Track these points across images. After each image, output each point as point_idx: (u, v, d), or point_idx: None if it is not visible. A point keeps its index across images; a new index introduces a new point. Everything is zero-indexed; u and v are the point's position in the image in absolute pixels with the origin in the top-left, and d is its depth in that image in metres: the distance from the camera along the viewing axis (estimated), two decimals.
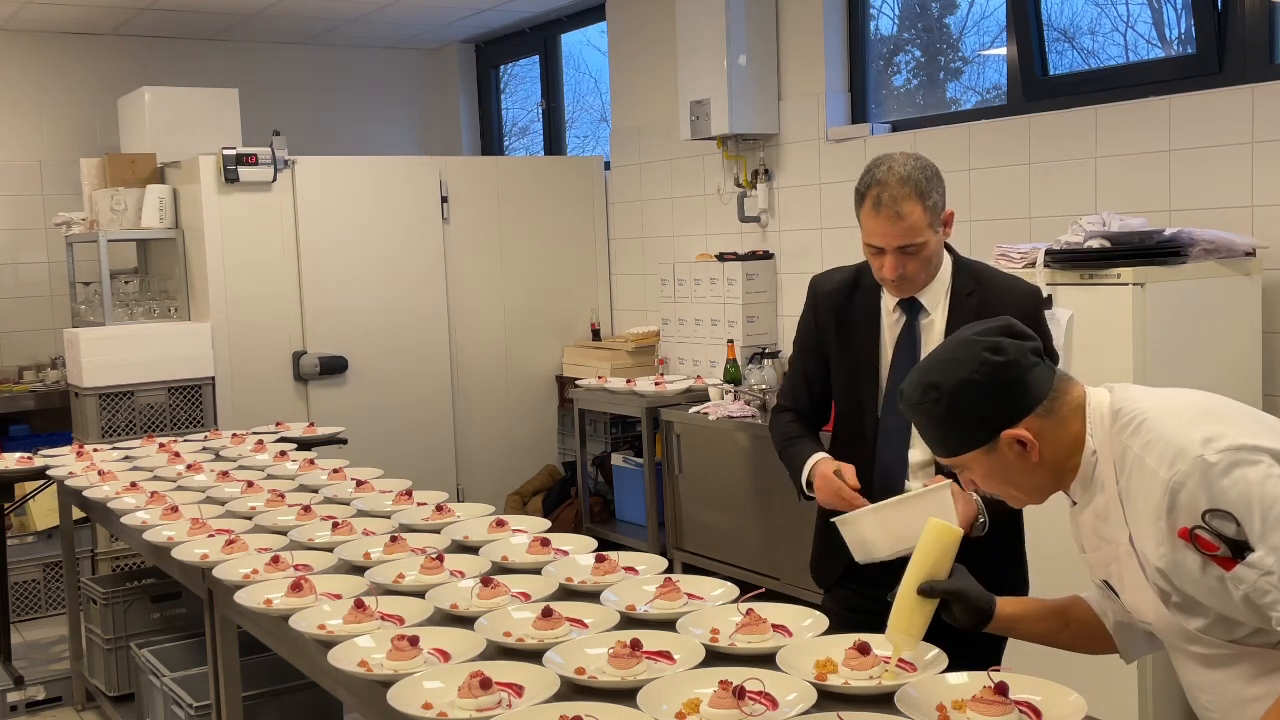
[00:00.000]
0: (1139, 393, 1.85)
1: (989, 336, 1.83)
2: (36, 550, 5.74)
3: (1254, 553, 1.65)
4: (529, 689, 2.04)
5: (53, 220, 6.61)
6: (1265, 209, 3.84)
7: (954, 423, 1.84)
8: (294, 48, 7.87)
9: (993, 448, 1.82)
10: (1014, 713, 1.82)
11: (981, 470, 1.87)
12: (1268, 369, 3.78)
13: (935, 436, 1.89)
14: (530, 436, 6.78)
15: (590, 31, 7.37)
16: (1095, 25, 4.64)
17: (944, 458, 1.90)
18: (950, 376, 1.82)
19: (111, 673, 4.39)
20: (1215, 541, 1.66)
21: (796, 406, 2.80)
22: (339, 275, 6.16)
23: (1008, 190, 4.63)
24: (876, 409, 2.64)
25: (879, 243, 2.49)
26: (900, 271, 2.50)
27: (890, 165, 2.51)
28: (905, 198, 2.46)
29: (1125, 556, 1.82)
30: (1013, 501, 1.95)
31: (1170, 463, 1.70)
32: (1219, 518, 1.65)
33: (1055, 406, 1.82)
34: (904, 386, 1.91)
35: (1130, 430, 1.78)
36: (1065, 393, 1.84)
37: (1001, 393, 1.80)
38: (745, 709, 1.87)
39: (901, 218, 2.45)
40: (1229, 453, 1.67)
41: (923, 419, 1.89)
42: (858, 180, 2.57)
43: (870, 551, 2.37)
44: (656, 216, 6.55)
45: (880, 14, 5.52)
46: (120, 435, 5.55)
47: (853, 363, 2.68)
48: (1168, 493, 1.69)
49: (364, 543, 3.00)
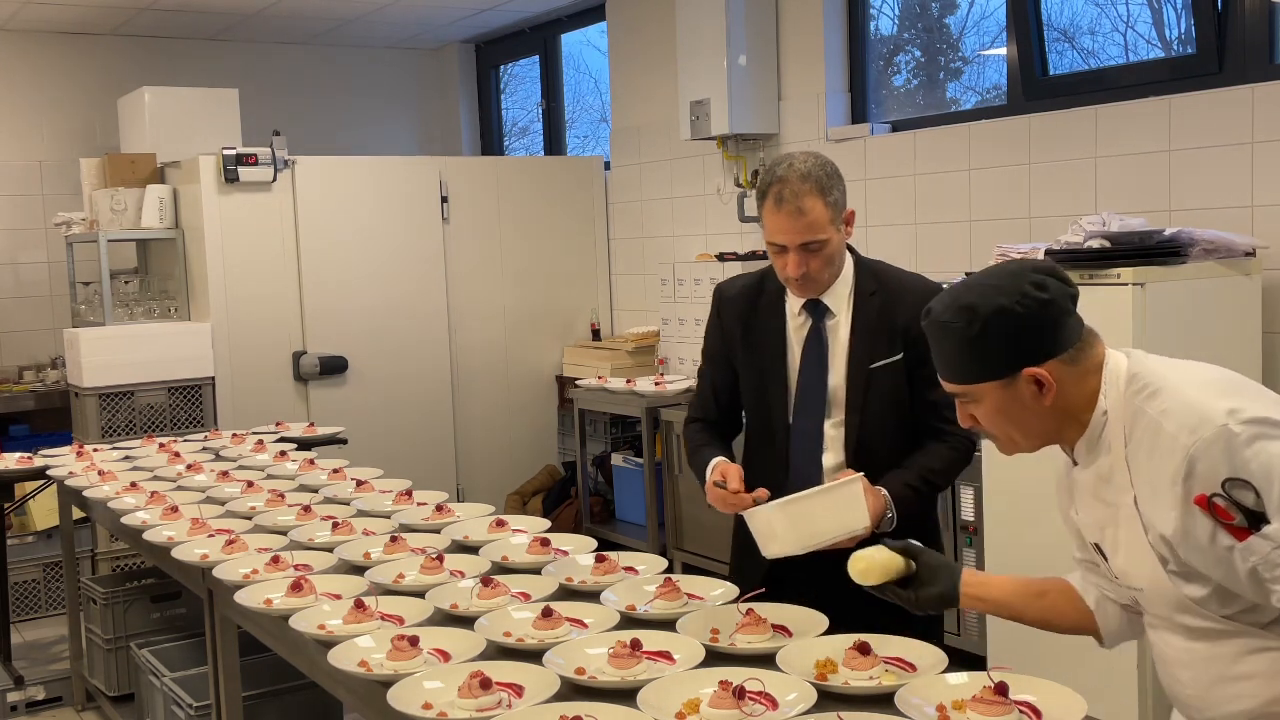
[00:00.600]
0: (1157, 361, 1.85)
1: (1037, 273, 1.81)
2: (36, 550, 5.74)
3: (1270, 525, 1.65)
4: (529, 689, 2.04)
5: (53, 220, 6.61)
6: (1265, 209, 3.84)
7: (981, 348, 1.80)
8: (294, 48, 7.87)
9: (1010, 382, 1.80)
10: (1014, 713, 1.82)
11: (991, 404, 1.84)
12: (1268, 369, 3.78)
13: (955, 359, 1.85)
14: (530, 436, 6.78)
15: (590, 31, 7.37)
16: (1095, 25, 4.64)
17: (956, 382, 1.87)
18: (989, 301, 1.78)
19: (111, 673, 4.39)
20: (1232, 510, 1.65)
21: (705, 416, 2.81)
22: (339, 275, 6.16)
23: (1008, 190, 4.63)
24: (787, 414, 2.64)
25: (781, 240, 2.50)
26: (803, 269, 2.51)
27: (791, 163, 2.51)
28: (806, 194, 2.46)
29: (1126, 520, 1.81)
30: (1006, 446, 1.92)
31: (1192, 429, 1.69)
32: (1239, 487, 1.65)
33: (1079, 357, 1.82)
34: (933, 304, 1.87)
35: (1146, 394, 1.78)
36: (1090, 347, 1.84)
37: (1035, 329, 1.78)
38: (745, 709, 1.88)
39: (803, 213, 2.46)
40: (1253, 425, 1.68)
41: (948, 339, 1.84)
42: (758, 181, 2.56)
43: (778, 546, 2.33)
44: (656, 216, 6.55)
45: (880, 14, 5.52)
46: (120, 435, 5.55)
47: (760, 369, 2.68)
48: (1187, 459, 1.68)
49: (364, 543, 3.00)
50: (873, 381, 2.59)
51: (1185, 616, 1.81)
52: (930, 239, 4.96)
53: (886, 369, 2.59)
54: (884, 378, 2.59)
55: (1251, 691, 1.78)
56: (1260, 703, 1.78)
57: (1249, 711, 1.79)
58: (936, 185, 4.92)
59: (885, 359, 2.58)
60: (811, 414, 2.62)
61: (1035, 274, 1.81)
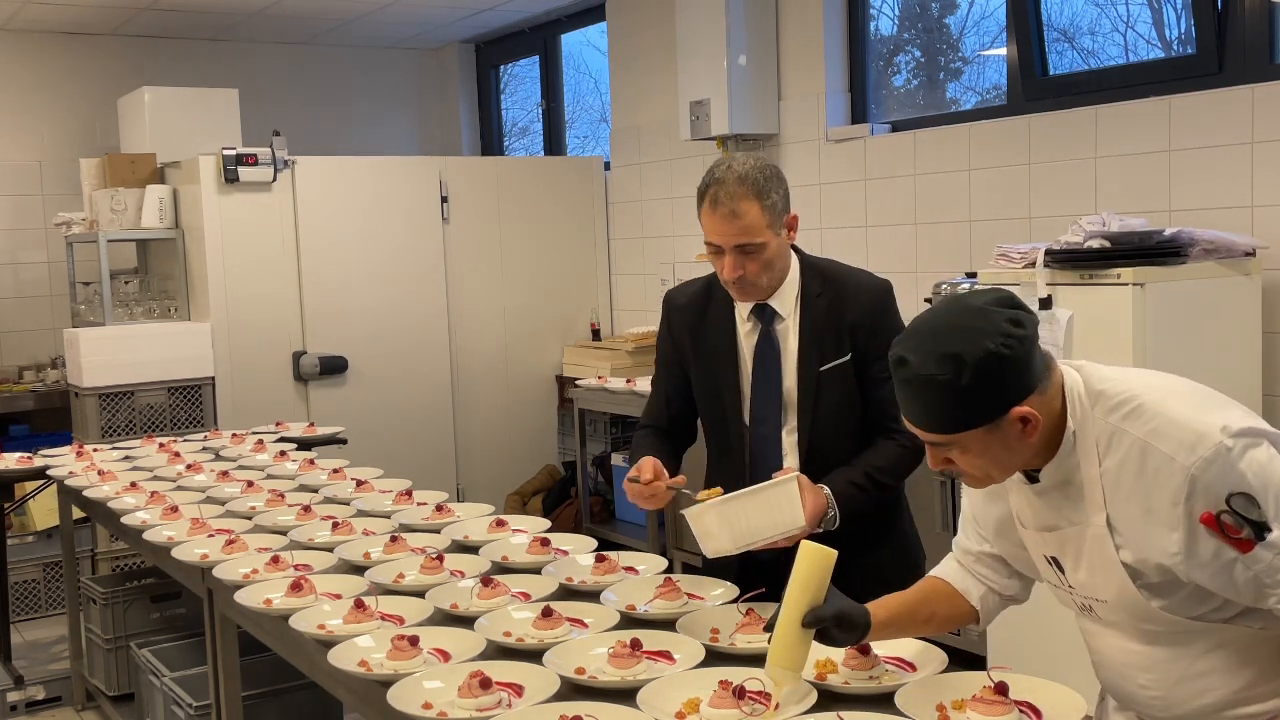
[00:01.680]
0: (1113, 373, 1.83)
1: (1006, 308, 1.72)
2: (36, 550, 5.74)
3: (1273, 533, 1.65)
4: (529, 689, 2.04)
5: (53, 220, 6.61)
6: (1265, 209, 3.84)
7: (972, 396, 1.70)
8: (294, 48, 7.87)
9: (996, 425, 1.72)
10: (1014, 713, 1.82)
11: (975, 448, 1.76)
12: (1268, 369, 3.78)
13: (941, 411, 1.73)
14: (530, 436, 6.78)
15: (590, 31, 7.37)
16: (1095, 25, 4.64)
17: (942, 433, 1.76)
18: (975, 347, 1.68)
19: (111, 673, 4.39)
20: (1239, 525, 1.65)
21: (655, 423, 2.78)
22: (339, 275, 6.16)
23: (1008, 190, 4.63)
24: (743, 419, 2.62)
25: (717, 241, 2.49)
26: (739, 272, 2.48)
27: (730, 164, 2.51)
28: (742, 196, 2.44)
29: (1094, 538, 1.79)
30: (979, 483, 1.86)
31: (1190, 448, 1.67)
32: (1242, 500, 1.65)
33: (1047, 385, 1.77)
34: (907, 355, 1.74)
35: (1124, 413, 1.75)
36: (1053, 370, 1.79)
37: (1021, 368, 1.71)
38: (745, 709, 1.88)
39: (738, 216, 2.44)
40: (1241, 436, 1.68)
41: (932, 391, 1.71)
42: (700, 182, 2.55)
43: (714, 545, 2.33)
44: (656, 216, 6.55)
45: (880, 14, 5.52)
46: (120, 435, 5.55)
47: (712, 375, 2.65)
48: (1188, 479, 1.67)
49: (364, 543, 3.01)
50: (823, 384, 2.56)
51: (1149, 624, 1.81)
52: (930, 239, 4.96)
53: (835, 370, 2.56)
54: (834, 379, 2.56)
55: (1216, 684, 1.80)
56: (1226, 694, 1.80)
57: (1216, 704, 1.81)
58: (936, 185, 4.92)
59: (834, 360, 2.56)
60: (768, 420, 2.60)
61: (1005, 309, 1.73)
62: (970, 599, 2.05)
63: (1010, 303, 1.75)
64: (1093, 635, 1.95)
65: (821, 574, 1.91)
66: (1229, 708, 1.81)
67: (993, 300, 1.75)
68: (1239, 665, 1.79)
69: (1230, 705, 1.80)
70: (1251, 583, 1.69)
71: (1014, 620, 2.29)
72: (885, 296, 2.60)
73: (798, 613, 1.89)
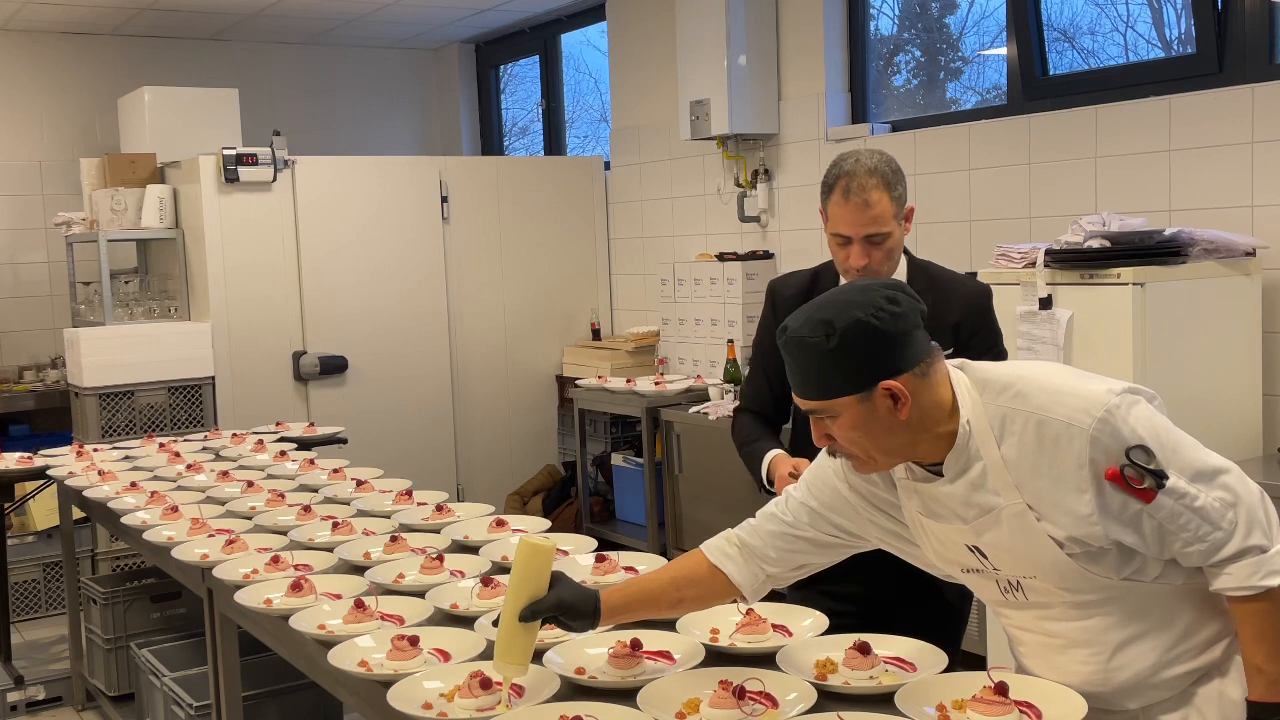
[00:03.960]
0: (990, 365, 1.94)
1: (887, 289, 1.86)
2: (36, 550, 5.74)
3: (1168, 479, 1.77)
4: (529, 689, 2.04)
5: (53, 220, 6.61)
6: (1265, 209, 3.84)
7: (838, 362, 1.82)
8: (294, 48, 7.87)
9: (867, 396, 1.82)
10: (1014, 713, 1.82)
11: (849, 419, 1.84)
12: (1268, 369, 3.78)
13: (814, 374, 1.85)
14: (530, 436, 6.78)
15: (590, 31, 7.37)
16: (1095, 25, 4.64)
17: (814, 398, 1.86)
18: (846, 316, 1.81)
19: (111, 673, 4.39)
20: (1140, 475, 1.76)
21: (759, 408, 2.89)
22: (339, 275, 6.16)
23: (1008, 190, 4.63)
24: None
25: (847, 231, 2.59)
26: (866, 260, 2.58)
27: (858, 158, 2.62)
28: (874, 187, 2.57)
29: (1010, 517, 1.84)
30: (864, 465, 1.92)
31: (1085, 411, 1.78)
32: (1139, 452, 1.77)
33: (929, 371, 1.86)
34: (789, 322, 1.88)
35: (1011, 395, 1.84)
36: (937, 360, 1.88)
37: (890, 342, 1.81)
38: (745, 709, 1.88)
39: (870, 206, 2.56)
40: (1124, 395, 1.81)
41: (805, 354, 1.84)
42: (824, 174, 2.65)
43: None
44: (656, 216, 6.55)
45: (880, 14, 5.52)
46: (120, 435, 5.55)
47: None
48: (1089, 440, 1.77)
49: (364, 543, 3.01)
50: None
51: (1078, 593, 1.86)
52: (930, 239, 4.95)
53: None
54: None
55: (1149, 646, 1.87)
56: (1160, 653, 1.87)
57: (1152, 665, 1.87)
58: (936, 185, 4.92)
59: None
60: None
61: (886, 289, 1.85)
62: (743, 590, 2.11)
63: (895, 286, 1.88)
64: (1019, 626, 1.99)
65: (539, 568, 2.01)
66: (1164, 668, 1.87)
67: (881, 284, 1.88)
68: (1166, 623, 1.86)
69: (1165, 665, 1.87)
70: (1156, 531, 1.80)
71: None
72: (987, 299, 2.73)
73: (515, 608, 1.99)
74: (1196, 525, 1.78)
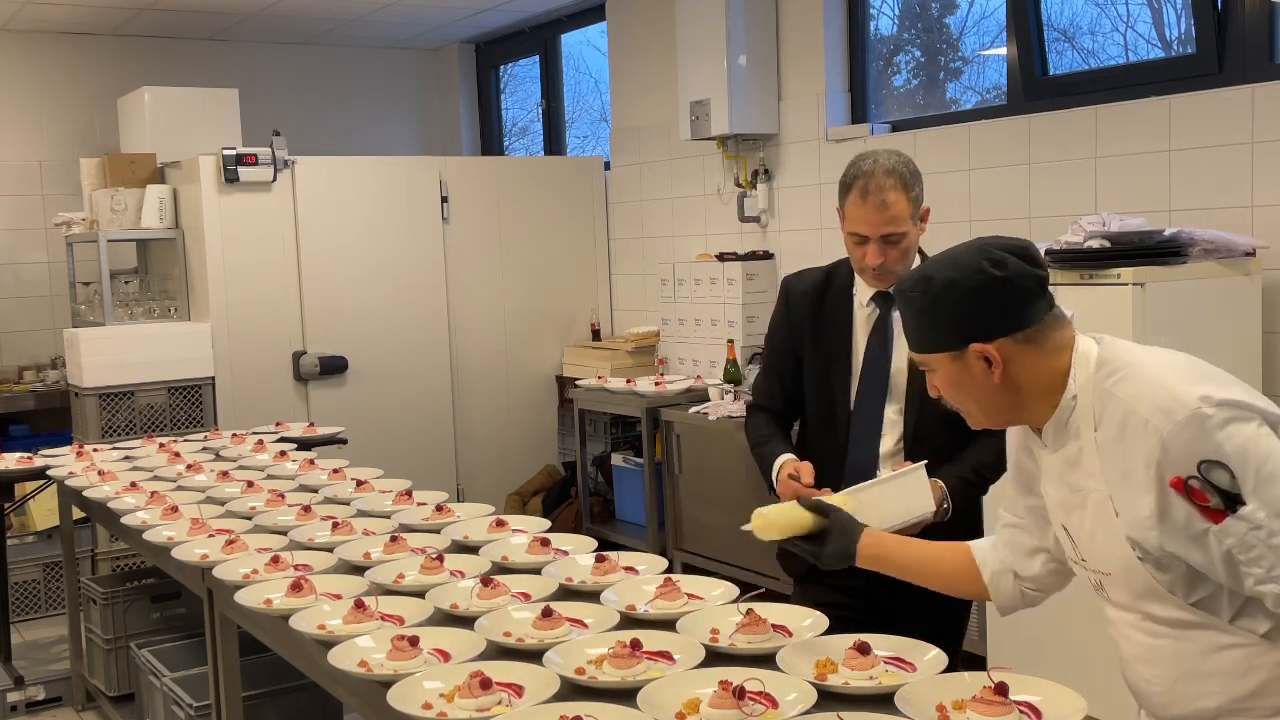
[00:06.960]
0: (1128, 345, 1.85)
1: (997, 250, 1.82)
2: (36, 550, 5.74)
3: (1246, 506, 1.65)
4: (529, 689, 2.04)
5: (53, 220, 6.61)
6: (1265, 209, 3.84)
7: (930, 318, 1.84)
8: (294, 48, 7.87)
9: (959, 355, 1.82)
10: (1014, 713, 1.82)
11: (945, 376, 1.87)
12: (1268, 369, 3.78)
13: (912, 327, 1.90)
14: (530, 436, 6.78)
15: (590, 31, 7.37)
16: (1095, 25, 4.64)
17: (915, 351, 1.92)
18: (943, 274, 1.82)
19: (111, 673, 4.39)
20: (1208, 492, 1.66)
21: (771, 405, 2.92)
22: (339, 275, 6.16)
23: (1008, 190, 4.63)
24: (849, 398, 2.75)
25: (864, 230, 2.63)
26: (882, 260, 2.62)
27: (876, 159, 2.65)
28: (891, 188, 2.60)
29: (1095, 505, 1.81)
30: (970, 420, 1.94)
31: (1165, 412, 1.69)
32: (1214, 468, 1.66)
33: (1038, 337, 1.82)
34: (904, 276, 1.94)
35: (1116, 378, 1.77)
36: (1053, 329, 1.84)
37: (984, 304, 1.80)
38: (745, 709, 1.87)
39: (887, 206, 2.60)
40: (1225, 407, 1.68)
41: (905, 308, 1.90)
42: (842, 174, 2.69)
43: None
44: (656, 216, 6.55)
45: (880, 14, 5.52)
46: (120, 435, 5.55)
47: (826, 355, 2.79)
48: (1160, 442, 1.68)
49: (364, 543, 3.00)
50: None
51: (1152, 605, 1.81)
52: (930, 239, 4.93)
53: None
54: None
55: (1215, 689, 1.79)
56: (1224, 700, 1.79)
57: (1215, 708, 1.80)
58: (936, 185, 4.89)
59: None
60: (873, 399, 2.73)
61: (997, 251, 1.82)
62: (984, 571, 2.10)
63: (1011, 248, 1.83)
64: (1110, 623, 1.95)
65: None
66: (1228, 715, 1.79)
67: (998, 244, 1.84)
68: (1243, 674, 1.77)
69: (1229, 714, 1.79)
70: (1225, 558, 1.68)
71: (1014, 620, 2.29)
72: None
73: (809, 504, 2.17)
74: (1271, 563, 1.66)
